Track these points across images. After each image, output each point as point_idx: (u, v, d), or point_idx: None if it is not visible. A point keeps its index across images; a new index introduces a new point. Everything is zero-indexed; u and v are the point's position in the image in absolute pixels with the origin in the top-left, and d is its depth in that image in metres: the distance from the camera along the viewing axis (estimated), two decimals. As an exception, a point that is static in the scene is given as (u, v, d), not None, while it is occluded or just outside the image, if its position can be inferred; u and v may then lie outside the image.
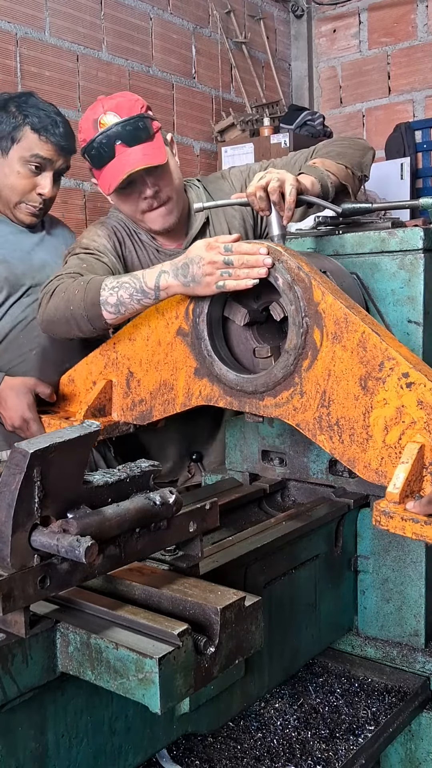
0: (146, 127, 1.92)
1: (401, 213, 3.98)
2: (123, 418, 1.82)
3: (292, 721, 1.46)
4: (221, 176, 2.20)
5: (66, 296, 1.76)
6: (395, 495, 1.25)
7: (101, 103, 1.94)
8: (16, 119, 2.12)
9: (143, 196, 1.96)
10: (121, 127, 1.88)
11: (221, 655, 1.02)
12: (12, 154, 2.13)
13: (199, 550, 1.19)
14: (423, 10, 4.55)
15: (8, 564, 0.91)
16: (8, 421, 1.95)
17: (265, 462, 1.87)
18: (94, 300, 1.69)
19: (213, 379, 1.61)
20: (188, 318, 1.63)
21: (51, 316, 1.82)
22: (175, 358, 1.67)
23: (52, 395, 1.95)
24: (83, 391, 1.91)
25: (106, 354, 1.84)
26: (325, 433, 1.43)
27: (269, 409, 1.51)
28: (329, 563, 1.64)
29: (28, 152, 2.12)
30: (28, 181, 2.15)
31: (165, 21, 4.02)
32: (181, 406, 1.68)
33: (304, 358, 1.45)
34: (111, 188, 1.93)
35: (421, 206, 1.76)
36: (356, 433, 1.39)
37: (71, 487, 0.98)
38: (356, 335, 1.38)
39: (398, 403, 1.32)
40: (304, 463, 1.79)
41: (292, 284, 1.44)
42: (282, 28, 5.01)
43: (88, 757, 1.09)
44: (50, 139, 2.13)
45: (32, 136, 2.12)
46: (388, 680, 1.61)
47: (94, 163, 1.95)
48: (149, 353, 1.73)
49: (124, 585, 1.12)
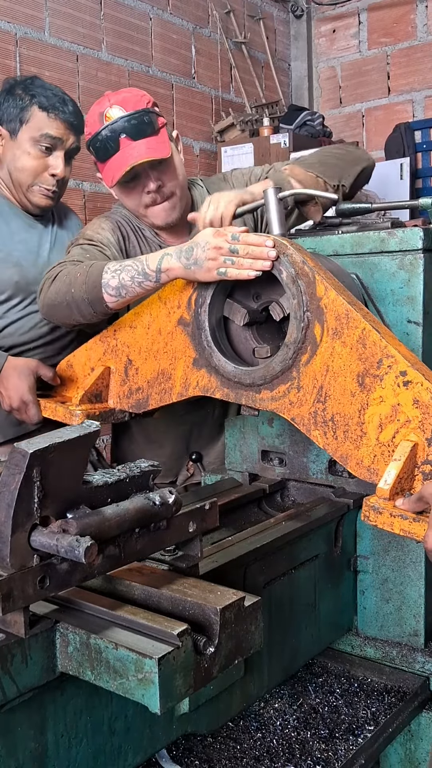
0: (151, 122, 1.92)
1: (401, 213, 3.98)
2: (119, 406, 1.81)
3: (292, 721, 1.46)
4: (223, 178, 2.20)
5: (68, 280, 1.76)
6: (385, 491, 1.25)
7: (108, 97, 1.95)
8: (23, 100, 2.10)
9: (146, 190, 1.97)
10: (126, 121, 1.89)
11: (221, 655, 1.02)
12: (21, 136, 2.11)
13: (198, 550, 1.19)
14: (423, 10, 4.55)
15: (8, 564, 0.91)
16: (7, 401, 1.94)
17: (264, 462, 1.87)
18: (96, 283, 1.69)
19: (211, 370, 1.61)
20: (190, 308, 1.63)
21: (52, 300, 1.82)
22: (175, 347, 1.67)
23: (55, 378, 1.94)
24: (81, 376, 1.91)
25: (106, 341, 1.84)
26: (319, 429, 1.43)
27: (265, 402, 1.51)
28: (329, 563, 1.64)
29: (38, 132, 2.10)
30: (39, 162, 2.13)
31: (165, 21, 4.02)
32: (178, 396, 1.68)
33: (303, 353, 1.45)
34: (114, 180, 1.93)
35: (420, 206, 1.76)
36: (350, 430, 1.39)
37: (71, 487, 0.98)
38: (357, 332, 1.38)
39: (394, 401, 1.33)
40: (304, 463, 1.79)
41: (296, 278, 1.44)
42: (282, 28, 5.01)
43: (87, 757, 1.09)
44: (59, 116, 2.10)
45: (40, 114, 2.09)
46: (387, 680, 1.61)
47: (99, 155, 1.95)
48: (149, 341, 1.73)
49: (124, 585, 1.12)
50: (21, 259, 2.16)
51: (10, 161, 2.15)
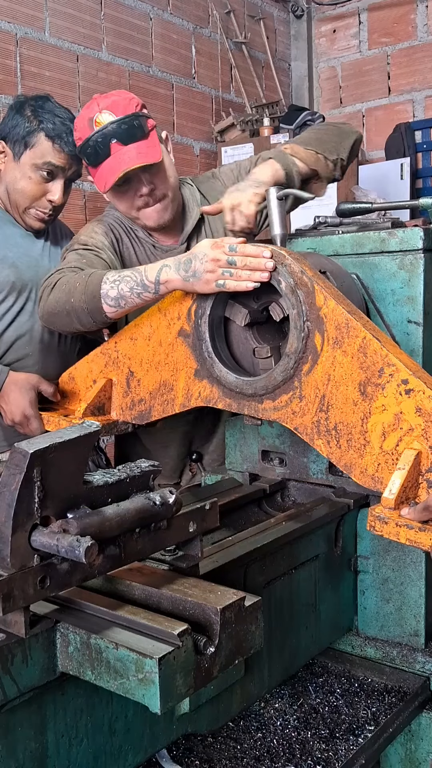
0: (141, 126, 1.93)
1: (401, 213, 3.98)
2: (122, 417, 1.82)
3: (292, 721, 1.46)
4: (212, 176, 2.21)
5: (67, 288, 1.76)
6: (390, 501, 1.25)
7: (96, 101, 1.95)
8: (30, 124, 2.10)
9: (139, 194, 1.98)
10: (117, 126, 1.90)
11: (221, 655, 1.02)
12: (24, 159, 2.12)
13: (198, 550, 1.19)
14: (423, 10, 4.55)
15: (8, 564, 0.91)
16: (8, 416, 1.95)
17: (265, 462, 1.87)
18: (95, 293, 1.69)
19: (213, 380, 1.61)
20: (190, 319, 1.63)
21: (52, 308, 1.82)
22: (176, 358, 1.67)
23: (55, 394, 1.95)
24: (83, 389, 1.91)
25: (107, 353, 1.84)
26: (323, 438, 1.43)
27: (268, 412, 1.52)
28: (329, 563, 1.64)
29: (41, 159, 2.11)
30: (38, 187, 2.14)
31: (165, 21, 4.02)
32: (181, 407, 1.68)
33: (304, 362, 1.45)
34: (107, 186, 1.94)
35: (421, 206, 1.76)
36: (354, 439, 1.39)
37: (71, 487, 0.98)
38: (357, 341, 1.38)
39: (397, 410, 1.33)
40: (304, 463, 1.79)
41: (294, 288, 1.44)
42: (282, 29, 5.01)
43: (88, 757, 1.09)
44: (64, 148, 2.11)
45: (46, 143, 2.10)
46: (388, 680, 1.61)
47: (90, 161, 1.96)
48: (150, 353, 1.73)
49: (124, 585, 1.12)
50: (16, 261, 2.17)
51: (11, 182, 2.16)
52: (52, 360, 2.20)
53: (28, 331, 2.17)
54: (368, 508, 1.68)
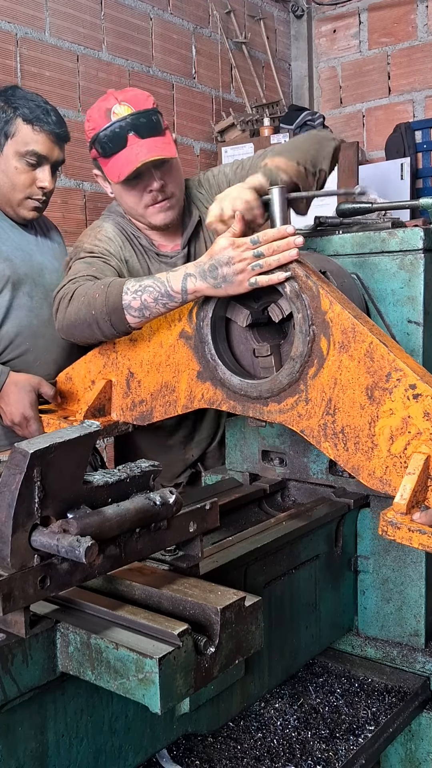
0: (158, 122, 1.95)
1: (401, 213, 3.98)
2: (122, 418, 1.82)
3: (292, 721, 1.46)
4: (198, 183, 2.19)
5: (86, 300, 1.73)
6: (402, 506, 1.25)
7: (113, 95, 1.96)
8: (6, 113, 2.10)
9: (149, 189, 1.98)
10: (135, 118, 1.91)
11: (221, 655, 1.02)
12: (7, 150, 2.11)
13: (199, 550, 1.19)
14: (423, 10, 4.55)
15: (8, 564, 0.91)
16: (8, 417, 1.94)
17: (265, 462, 1.87)
18: (116, 304, 1.65)
19: (216, 382, 1.61)
20: (191, 321, 1.63)
21: (72, 320, 1.78)
22: (178, 360, 1.67)
23: (56, 397, 1.95)
24: (81, 389, 1.91)
25: (106, 353, 1.84)
26: (330, 441, 1.43)
27: (273, 414, 1.52)
28: (329, 563, 1.64)
29: (24, 147, 2.10)
30: (27, 176, 2.13)
31: (165, 21, 4.02)
32: (183, 408, 1.68)
33: (310, 366, 1.45)
34: (122, 176, 1.93)
35: (421, 206, 1.76)
36: (361, 442, 1.39)
37: (71, 487, 0.98)
38: (364, 345, 1.38)
39: (404, 414, 1.33)
40: (304, 463, 1.79)
41: (299, 293, 1.44)
42: (282, 29, 5.01)
43: (88, 757, 1.09)
44: (44, 128, 2.11)
45: (25, 127, 2.10)
46: (388, 680, 1.61)
47: (104, 151, 1.94)
48: (150, 354, 1.73)
49: (124, 585, 1.12)
50: (11, 254, 2.17)
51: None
52: (53, 356, 2.20)
53: (27, 326, 2.17)
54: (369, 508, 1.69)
